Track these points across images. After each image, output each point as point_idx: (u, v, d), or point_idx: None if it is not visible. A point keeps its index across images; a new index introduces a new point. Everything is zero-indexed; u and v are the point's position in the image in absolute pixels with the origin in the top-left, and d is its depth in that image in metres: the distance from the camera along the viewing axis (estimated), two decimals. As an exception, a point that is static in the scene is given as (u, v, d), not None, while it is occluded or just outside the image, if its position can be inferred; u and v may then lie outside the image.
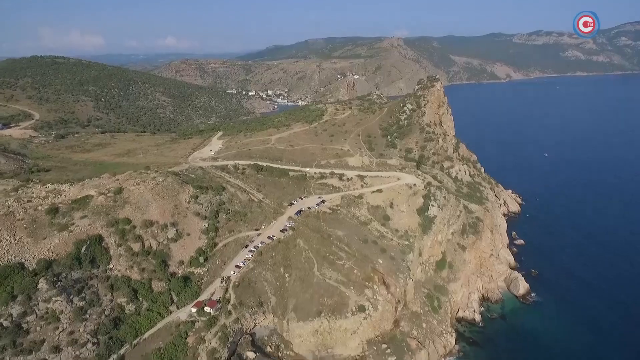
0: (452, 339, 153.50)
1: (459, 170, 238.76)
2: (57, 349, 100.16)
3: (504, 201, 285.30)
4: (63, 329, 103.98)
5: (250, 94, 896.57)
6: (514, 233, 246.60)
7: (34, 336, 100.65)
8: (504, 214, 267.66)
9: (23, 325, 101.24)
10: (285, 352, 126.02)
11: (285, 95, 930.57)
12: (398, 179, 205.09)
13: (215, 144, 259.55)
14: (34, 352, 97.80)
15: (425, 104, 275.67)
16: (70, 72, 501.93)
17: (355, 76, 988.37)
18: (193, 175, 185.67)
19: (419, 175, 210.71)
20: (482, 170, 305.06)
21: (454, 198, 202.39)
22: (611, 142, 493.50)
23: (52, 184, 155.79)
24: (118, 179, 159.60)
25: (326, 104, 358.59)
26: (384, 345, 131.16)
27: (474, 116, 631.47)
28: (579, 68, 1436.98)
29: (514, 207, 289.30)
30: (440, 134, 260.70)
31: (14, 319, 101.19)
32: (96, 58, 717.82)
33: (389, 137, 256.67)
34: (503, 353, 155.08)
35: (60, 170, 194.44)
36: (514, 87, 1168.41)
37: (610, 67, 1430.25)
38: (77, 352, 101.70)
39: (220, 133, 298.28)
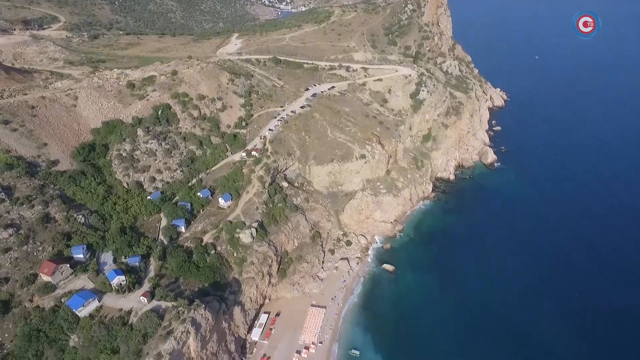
0: (430, 187, 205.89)
1: (450, 64, 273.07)
2: (159, 172, 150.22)
3: (491, 96, 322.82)
4: (159, 160, 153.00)
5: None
6: (493, 122, 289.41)
7: (143, 163, 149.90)
8: (489, 108, 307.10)
9: (134, 156, 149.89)
10: (307, 187, 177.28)
11: (289, 1, 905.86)
12: (396, 71, 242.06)
13: (235, 42, 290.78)
14: (145, 172, 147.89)
15: (424, 5, 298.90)
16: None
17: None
18: (225, 65, 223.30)
19: (414, 68, 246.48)
20: (477, 71, 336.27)
21: (442, 86, 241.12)
22: (609, 47, 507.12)
23: (118, 69, 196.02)
24: (169, 65, 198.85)
25: (333, 7, 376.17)
26: (378, 183, 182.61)
27: (474, 20, 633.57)
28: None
29: (499, 102, 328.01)
30: (436, 33, 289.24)
31: (127, 152, 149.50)
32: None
33: (390, 35, 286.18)
34: (467, 199, 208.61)
35: (113, 62, 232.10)
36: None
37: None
38: (172, 174, 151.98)
39: (236, 34, 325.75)
